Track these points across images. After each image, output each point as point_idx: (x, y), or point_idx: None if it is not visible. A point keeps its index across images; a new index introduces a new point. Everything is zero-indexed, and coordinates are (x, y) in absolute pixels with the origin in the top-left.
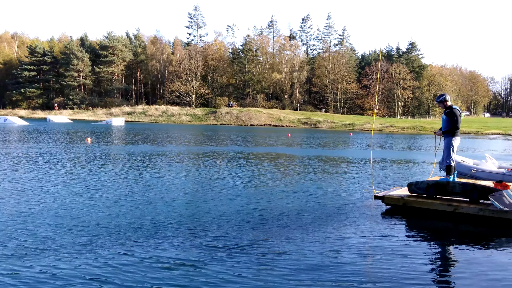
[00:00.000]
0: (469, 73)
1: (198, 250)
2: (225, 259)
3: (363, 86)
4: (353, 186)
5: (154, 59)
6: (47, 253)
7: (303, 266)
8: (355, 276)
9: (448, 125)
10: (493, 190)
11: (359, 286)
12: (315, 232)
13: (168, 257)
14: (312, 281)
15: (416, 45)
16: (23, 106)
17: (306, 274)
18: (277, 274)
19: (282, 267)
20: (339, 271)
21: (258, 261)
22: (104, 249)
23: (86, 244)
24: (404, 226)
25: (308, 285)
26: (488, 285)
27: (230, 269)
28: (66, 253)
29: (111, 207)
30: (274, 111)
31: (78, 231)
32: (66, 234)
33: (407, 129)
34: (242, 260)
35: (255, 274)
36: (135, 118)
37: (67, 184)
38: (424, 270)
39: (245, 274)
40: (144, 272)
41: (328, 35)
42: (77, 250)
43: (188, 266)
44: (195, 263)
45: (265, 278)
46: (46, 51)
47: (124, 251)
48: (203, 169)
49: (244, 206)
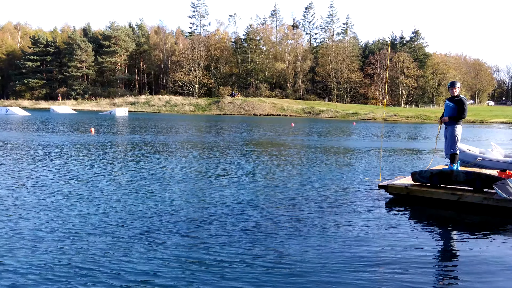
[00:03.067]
0: (473, 61)
1: (202, 242)
2: (225, 251)
3: (367, 75)
4: (357, 176)
5: (157, 49)
6: (35, 248)
7: (305, 256)
8: (358, 265)
9: (455, 112)
10: (497, 179)
11: (363, 275)
12: (318, 221)
13: (169, 254)
14: (315, 269)
15: (420, 34)
16: (26, 96)
17: (308, 263)
18: (279, 263)
19: (284, 256)
20: (342, 261)
21: (259, 240)
22: (99, 242)
23: (78, 236)
24: (408, 215)
25: (311, 273)
26: (492, 274)
27: (232, 262)
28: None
29: (108, 199)
30: (277, 101)
31: (72, 224)
32: (65, 227)
33: (411, 118)
34: (242, 239)
35: (257, 253)
36: (138, 108)
37: (68, 175)
38: (428, 259)
39: (249, 258)
40: (147, 268)
41: (331, 23)
42: (68, 243)
43: (193, 262)
44: (198, 258)
45: (269, 265)
46: (49, 42)
47: (124, 245)
48: (205, 159)
49: (246, 197)
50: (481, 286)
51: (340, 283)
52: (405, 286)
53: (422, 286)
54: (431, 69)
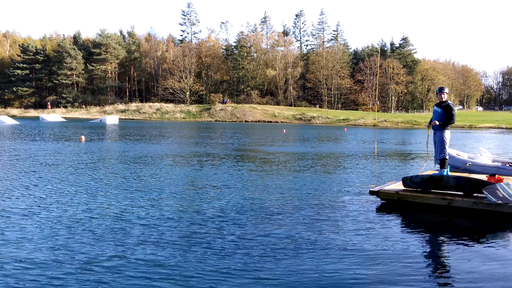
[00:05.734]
0: (461, 67)
1: (193, 247)
2: (214, 258)
3: (357, 81)
4: (348, 182)
5: (148, 56)
6: (28, 249)
7: (296, 262)
8: (349, 271)
9: (443, 118)
10: (487, 184)
11: (353, 281)
12: (309, 227)
13: (164, 257)
14: (306, 276)
15: (408, 40)
16: (15, 105)
17: (299, 270)
18: (269, 269)
19: (274, 262)
20: (332, 267)
21: (254, 250)
22: (95, 249)
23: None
24: (399, 220)
25: (301, 281)
26: (482, 278)
27: (221, 268)
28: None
29: (101, 207)
30: (268, 107)
31: (64, 232)
32: (56, 232)
33: (401, 124)
34: (232, 257)
35: (251, 262)
36: (129, 116)
37: (58, 183)
38: (418, 264)
39: (234, 271)
40: (142, 273)
41: (322, 30)
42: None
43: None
44: (191, 262)
45: (258, 272)
46: (38, 50)
47: (118, 251)
48: (196, 168)
49: (235, 204)
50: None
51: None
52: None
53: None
54: (420, 75)
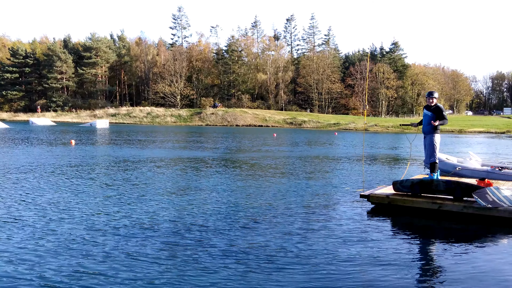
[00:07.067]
0: (451, 72)
1: (187, 249)
2: (208, 261)
3: (348, 86)
4: (339, 186)
5: (139, 60)
6: (30, 257)
7: (286, 266)
8: (339, 275)
9: (434, 119)
10: (477, 188)
11: (344, 285)
12: (299, 231)
13: (162, 257)
14: (296, 280)
15: (399, 45)
16: (5, 109)
17: (289, 274)
18: (259, 273)
19: (264, 267)
20: (322, 271)
21: (241, 261)
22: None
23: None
24: (390, 224)
25: (291, 285)
26: (472, 282)
27: (214, 271)
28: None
29: (93, 209)
30: (259, 112)
31: (57, 234)
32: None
33: (391, 128)
34: (224, 261)
35: (239, 274)
36: (119, 120)
37: (49, 187)
38: (409, 268)
39: (226, 275)
40: (139, 271)
41: (313, 35)
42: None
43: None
44: (187, 262)
45: (248, 277)
46: (28, 53)
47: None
48: (189, 171)
49: (220, 211)
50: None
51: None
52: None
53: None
54: (410, 79)
